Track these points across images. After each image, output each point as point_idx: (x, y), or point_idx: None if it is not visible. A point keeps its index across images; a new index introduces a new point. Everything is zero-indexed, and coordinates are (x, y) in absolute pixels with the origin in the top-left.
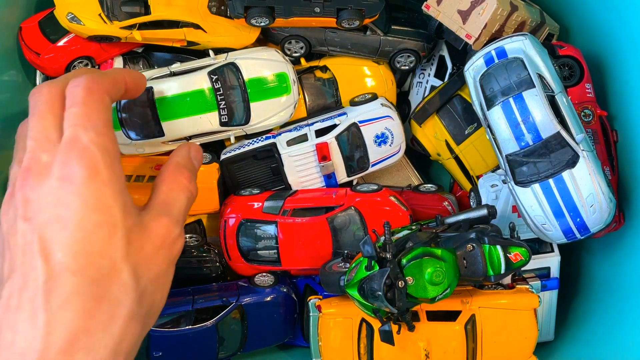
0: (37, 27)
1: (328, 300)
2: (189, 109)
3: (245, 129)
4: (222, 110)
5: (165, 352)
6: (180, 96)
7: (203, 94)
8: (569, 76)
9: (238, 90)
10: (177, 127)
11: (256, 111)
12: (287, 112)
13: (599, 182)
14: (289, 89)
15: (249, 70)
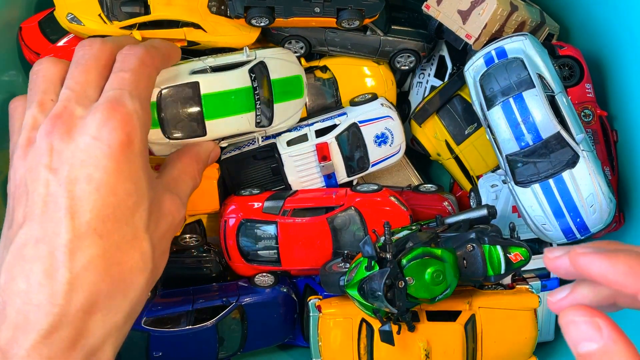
0: (37, 27)
1: (328, 300)
2: (233, 108)
3: (268, 131)
4: (257, 111)
5: (165, 352)
6: (225, 94)
7: (245, 92)
8: (569, 76)
9: (267, 90)
10: (220, 126)
11: (278, 112)
12: (298, 116)
13: (599, 182)
14: (302, 92)
15: (275, 70)
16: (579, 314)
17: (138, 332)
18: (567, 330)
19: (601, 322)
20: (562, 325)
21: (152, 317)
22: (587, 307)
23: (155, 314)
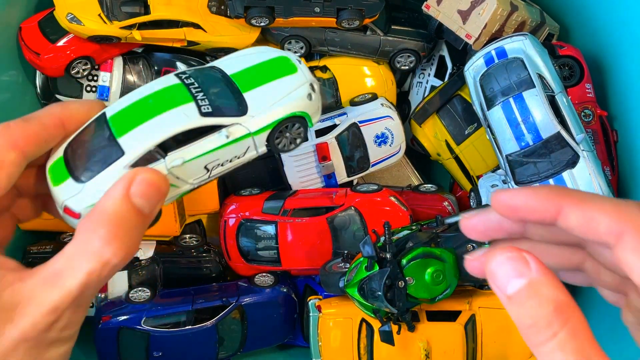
0: (37, 27)
1: (328, 300)
2: (155, 109)
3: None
4: (198, 100)
5: (165, 352)
6: (139, 102)
7: (172, 90)
8: (569, 76)
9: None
10: (142, 136)
11: (255, 97)
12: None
13: (599, 182)
14: (294, 68)
15: (231, 66)
16: (506, 251)
17: (138, 332)
18: (495, 274)
19: (527, 255)
20: (490, 272)
21: (152, 316)
22: (512, 246)
23: (155, 314)
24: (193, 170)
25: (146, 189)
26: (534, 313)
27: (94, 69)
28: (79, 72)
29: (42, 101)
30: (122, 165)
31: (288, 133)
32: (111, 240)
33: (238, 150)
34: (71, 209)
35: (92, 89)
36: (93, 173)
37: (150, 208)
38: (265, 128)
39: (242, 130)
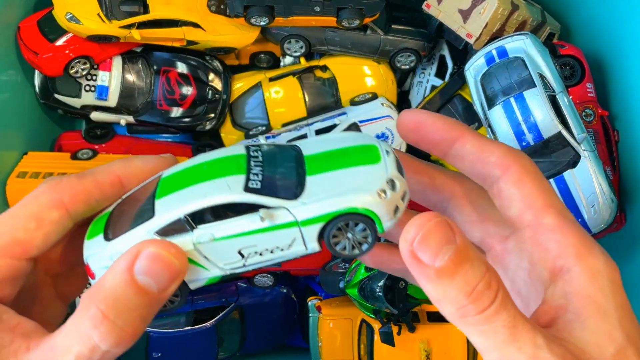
0: (35, 27)
1: (328, 301)
2: (202, 176)
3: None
4: (251, 174)
5: (165, 353)
6: (195, 167)
7: (233, 159)
8: (570, 76)
9: (288, 161)
10: (176, 202)
11: (317, 183)
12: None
13: (601, 182)
14: (377, 159)
15: (310, 146)
16: (430, 216)
17: None
18: (424, 245)
19: (446, 218)
20: (418, 245)
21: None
22: (429, 213)
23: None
24: (224, 252)
25: (153, 265)
26: (471, 279)
27: (93, 69)
28: (78, 72)
29: (41, 101)
30: (148, 229)
31: (350, 234)
32: (100, 322)
33: (281, 240)
34: (90, 267)
35: (91, 88)
36: (120, 232)
37: (160, 287)
38: (315, 220)
39: (287, 217)
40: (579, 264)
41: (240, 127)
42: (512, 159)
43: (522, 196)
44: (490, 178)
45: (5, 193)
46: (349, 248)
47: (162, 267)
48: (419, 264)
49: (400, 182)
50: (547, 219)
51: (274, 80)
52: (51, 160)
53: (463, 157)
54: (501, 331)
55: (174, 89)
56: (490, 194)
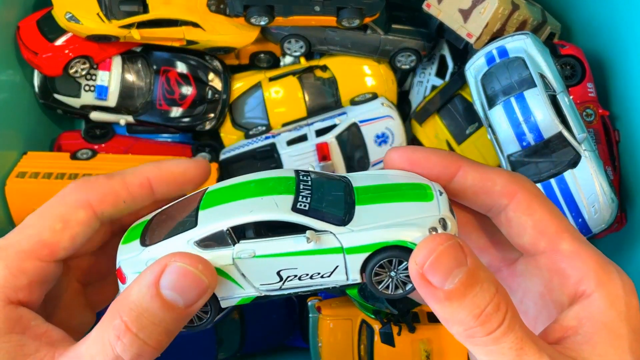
0: (35, 26)
1: (328, 301)
2: (249, 192)
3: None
4: (300, 195)
5: (164, 353)
6: (241, 184)
7: (281, 181)
8: (570, 75)
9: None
10: (220, 214)
11: (367, 213)
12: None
13: (601, 182)
14: (430, 197)
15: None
16: (442, 239)
17: None
18: (434, 269)
19: (459, 240)
20: (427, 270)
21: None
22: (441, 234)
23: None
24: (263, 271)
25: (179, 280)
26: (480, 301)
27: (92, 69)
28: (78, 72)
29: (40, 100)
30: (188, 238)
31: (393, 272)
32: (123, 334)
33: (323, 265)
34: (122, 270)
35: (91, 88)
36: (158, 239)
37: (186, 302)
38: (360, 248)
39: (333, 242)
40: (599, 290)
41: (240, 127)
42: (516, 185)
43: (534, 223)
44: (497, 207)
45: (4, 193)
46: (392, 287)
47: (189, 283)
48: (428, 286)
49: (451, 223)
50: (564, 245)
51: (273, 80)
52: (50, 160)
53: (465, 190)
54: (508, 352)
55: (173, 89)
56: (496, 222)
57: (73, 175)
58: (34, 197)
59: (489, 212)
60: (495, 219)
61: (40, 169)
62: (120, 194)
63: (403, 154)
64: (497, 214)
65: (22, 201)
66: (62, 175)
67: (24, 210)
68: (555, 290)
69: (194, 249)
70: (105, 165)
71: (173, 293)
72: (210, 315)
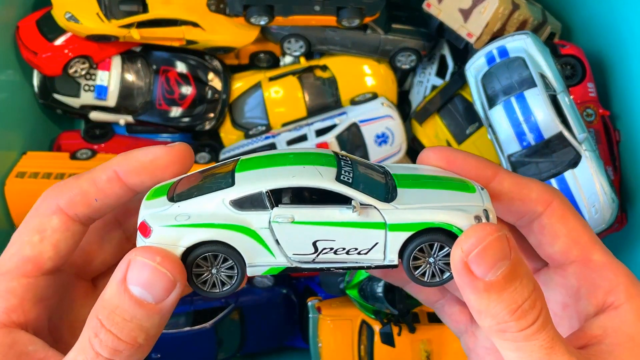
0: (34, 26)
1: (328, 301)
2: (289, 160)
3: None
4: (342, 169)
5: (164, 353)
6: (279, 155)
7: (320, 156)
8: (570, 75)
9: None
10: (261, 178)
11: (411, 194)
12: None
13: (602, 182)
14: (472, 189)
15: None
16: (491, 230)
17: None
18: (481, 259)
19: (506, 233)
20: (474, 257)
21: None
22: (491, 225)
23: None
24: (299, 239)
25: (142, 275)
26: (518, 296)
27: (92, 68)
28: (77, 72)
29: (40, 100)
30: (223, 197)
31: (432, 258)
32: (99, 331)
33: (362, 241)
34: (147, 223)
35: (90, 88)
36: (190, 196)
37: (157, 298)
38: (405, 226)
39: (376, 216)
40: (629, 302)
41: (240, 127)
42: (552, 195)
43: (568, 231)
44: (530, 214)
45: (4, 193)
46: (429, 274)
47: (153, 278)
48: (469, 275)
49: (493, 216)
50: (596, 256)
51: (273, 80)
52: (50, 160)
53: (501, 195)
54: (537, 350)
55: (173, 89)
56: (526, 230)
57: (73, 175)
58: (33, 197)
59: (520, 219)
60: (526, 227)
61: (40, 169)
62: (89, 192)
63: (441, 151)
64: (529, 221)
65: (22, 201)
66: (61, 175)
67: (23, 210)
68: (582, 300)
69: (228, 208)
70: None
71: (140, 289)
72: (235, 281)
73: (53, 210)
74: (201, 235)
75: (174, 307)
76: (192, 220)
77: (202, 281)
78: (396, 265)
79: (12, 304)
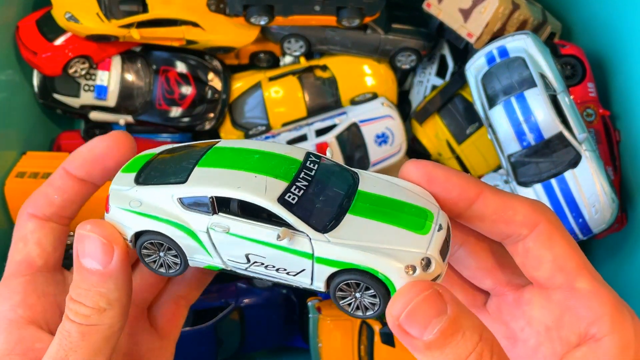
0: (34, 26)
1: (328, 301)
2: (247, 165)
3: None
4: (293, 186)
5: None
6: (246, 151)
7: (285, 161)
8: (571, 75)
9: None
10: (209, 178)
11: (352, 225)
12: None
13: (602, 182)
14: (425, 229)
15: (373, 185)
16: (418, 289)
17: None
18: (411, 320)
19: (439, 288)
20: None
21: None
22: (420, 282)
23: None
24: (232, 248)
25: (86, 246)
26: (462, 351)
27: (92, 68)
28: (77, 72)
29: (40, 100)
30: (172, 193)
31: (359, 293)
32: (69, 305)
33: (290, 264)
34: (108, 200)
35: (90, 88)
36: (149, 182)
37: (102, 263)
38: (330, 262)
39: (306, 246)
40: (612, 334)
41: (240, 126)
42: (539, 215)
43: (553, 257)
44: (515, 236)
45: (4, 193)
46: (353, 307)
47: (93, 246)
48: (406, 336)
49: (436, 265)
50: (581, 284)
51: (273, 80)
52: (50, 160)
53: (484, 217)
54: None
55: (173, 89)
56: (511, 250)
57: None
58: None
59: (504, 240)
60: (511, 247)
61: (40, 169)
62: (48, 192)
63: (422, 168)
64: (514, 242)
65: (22, 201)
66: None
67: None
68: (565, 328)
69: (176, 204)
70: None
71: (87, 259)
72: (179, 268)
73: (26, 218)
74: (146, 225)
75: (127, 272)
76: (142, 208)
77: (152, 260)
78: (324, 291)
79: (16, 300)
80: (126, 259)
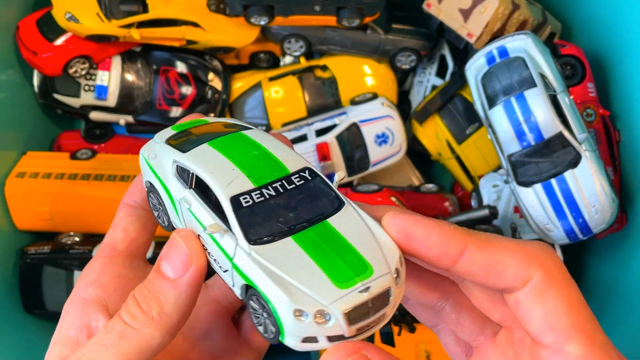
0: (34, 26)
1: None
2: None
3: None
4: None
5: None
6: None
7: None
8: (571, 75)
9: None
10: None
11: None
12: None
13: (602, 182)
14: (349, 284)
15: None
16: (345, 352)
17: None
18: None
19: (367, 354)
20: None
21: None
22: (348, 345)
23: None
24: (191, 225)
25: (169, 250)
26: None
27: (92, 68)
28: (77, 72)
29: (40, 100)
30: (174, 157)
31: (266, 314)
32: (127, 299)
33: (221, 260)
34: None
35: (90, 88)
36: (170, 143)
37: (175, 273)
38: (242, 275)
39: (229, 248)
40: None
41: None
42: (533, 267)
43: (544, 314)
44: (509, 289)
45: (4, 193)
46: (258, 324)
47: (175, 252)
48: None
49: (334, 323)
50: (571, 348)
51: (273, 80)
52: (50, 160)
53: (472, 274)
54: None
55: (173, 89)
56: (506, 298)
57: (72, 175)
58: (33, 197)
59: (497, 292)
60: (505, 295)
61: (40, 169)
62: (140, 181)
63: (400, 224)
64: (507, 292)
65: (22, 201)
66: (61, 175)
67: (23, 210)
68: None
69: (172, 168)
70: (105, 165)
71: (164, 262)
72: (166, 224)
73: (121, 207)
74: (150, 177)
75: (193, 291)
76: (153, 162)
77: (155, 210)
78: (241, 299)
79: (91, 279)
80: (199, 279)
